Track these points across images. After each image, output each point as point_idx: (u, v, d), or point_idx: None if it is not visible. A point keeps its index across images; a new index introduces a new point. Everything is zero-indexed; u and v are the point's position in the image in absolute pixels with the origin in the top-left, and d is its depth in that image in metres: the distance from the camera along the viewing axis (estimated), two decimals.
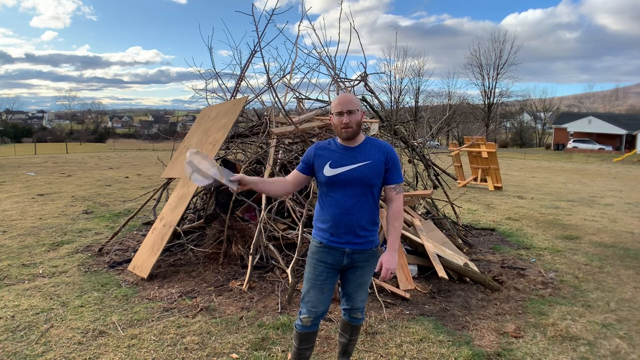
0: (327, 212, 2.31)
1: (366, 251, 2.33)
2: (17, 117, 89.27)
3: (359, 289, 2.40)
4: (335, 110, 2.28)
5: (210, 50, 6.57)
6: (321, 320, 2.49)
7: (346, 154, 2.29)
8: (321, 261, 2.33)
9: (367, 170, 2.26)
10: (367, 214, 2.31)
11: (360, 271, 2.36)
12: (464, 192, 10.87)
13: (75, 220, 6.91)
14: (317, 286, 2.34)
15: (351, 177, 2.25)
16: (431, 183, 6.36)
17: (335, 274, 2.37)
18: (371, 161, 2.27)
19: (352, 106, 2.25)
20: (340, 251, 2.31)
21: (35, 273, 4.43)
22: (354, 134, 2.28)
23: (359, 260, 2.33)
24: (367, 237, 2.33)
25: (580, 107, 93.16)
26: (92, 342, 3.04)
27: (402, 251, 4.31)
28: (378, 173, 2.28)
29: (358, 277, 2.37)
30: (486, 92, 53.00)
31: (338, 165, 2.28)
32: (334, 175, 2.27)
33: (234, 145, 5.81)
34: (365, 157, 2.28)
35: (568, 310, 3.76)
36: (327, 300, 2.38)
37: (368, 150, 2.30)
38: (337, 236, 2.29)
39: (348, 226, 2.28)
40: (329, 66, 6.27)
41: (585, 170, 22.33)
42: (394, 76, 51.66)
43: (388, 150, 2.33)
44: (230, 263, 4.68)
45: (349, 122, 2.24)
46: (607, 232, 7.00)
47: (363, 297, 2.45)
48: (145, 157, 23.43)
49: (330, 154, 2.32)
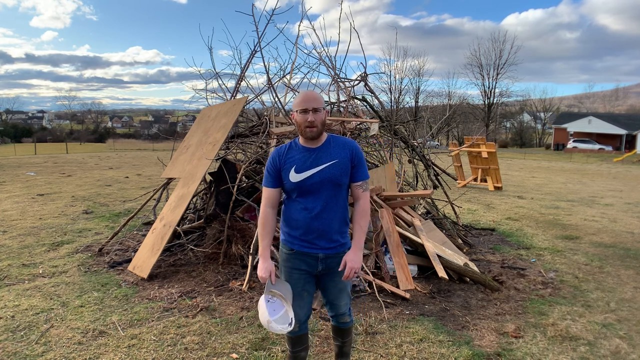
0: (297, 217, 2.20)
1: (340, 254, 2.24)
2: (17, 117, 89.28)
3: (340, 294, 2.33)
4: (298, 108, 2.14)
5: (210, 50, 6.58)
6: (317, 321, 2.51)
7: (310, 155, 2.17)
8: (295, 268, 2.25)
9: (335, 170, 2.16)
10: (339, 215, 2.23)
11: (338, 276, 2.26)
12: (464, 192, 10.87)
13: (75, 220, 6.91)
14: (296, 294, 2.23)
15: (319, 179, 2.14)
16: (431, 183, 6.36)
17: (312, 279, 2.29)
18: (337, 160, 2.17)
19: (317, 104, 2.12)
20: (313, 257, 2.22)
21: (35, 273, 4.43)
22: (318, 134, 2.15)
23: (333, 265, 2.24)
24: (339, 241, 2.25)
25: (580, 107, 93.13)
26: (92, 342, 3.04)
27: (402, 251, 4.31)
28: (345, 171, 2.18)
29: (337, 283, 2.29)
30: (486, 92, 53.04)
31: (303, 169, 2.16)
32: (301, 181, 2.15)
33: (234, 145, 5.80)
34: (330, 156, 2.17)
35: (568, 310, 3.76)
36: (309, 304, 2.34)
37: (332, 149, 2.19)
38: (309, 242, 2.20)
39: (320, 231, 2.18)
40: (329, 66, 6.27)
41: (585, 170, 22.33)
42: (394, 76, 51.72)
43: (352, 147, 2.22)
44: (230, 263, 4.68)
45: (314, 121, 2.11)
46: (607, 232, 7.00)
47: (346, 301, 2.38)
48: (145, 157, 23.43)
49: (293, 158, 2.19)
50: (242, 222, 4.95)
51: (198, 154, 5.12)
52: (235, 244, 4.72)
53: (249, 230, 4.76)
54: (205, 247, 4.83)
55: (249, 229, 4.78)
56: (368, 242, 4.55)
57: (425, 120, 11.42)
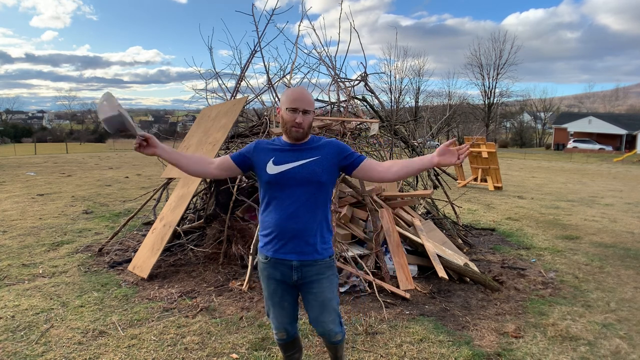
0: (270, 218, 2.04)
1: (317, 262, 2.03)
2: (17, 117, 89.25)
3: (323, 310, 2.07)
4: (288, 105, 1.99)
5: (210, 50, 6.58)
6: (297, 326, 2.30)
7: (291, 150, 2.05)
8: (271, 278, 2.09)
9: (315, 166, 2.01)
10: (318, 217, 2.04)
11: (317, 287, 2.04)
12: (464, 192, 10.87)
13: (75, 220, 6.91)
14: (276, 304, 2.13)
15: (298, 174, 1.99)
16: (431, 183, 6.36)
17: (292, 290, 2.12)
18: (319, 157, 2.03)
19: (308, 105, 2.00)
20: (286, 265, 2.03)
21: (35, 273, 4.43)
22: (303, 136, 2.03)
23: (311, 274, 2.03)
24: (315, 246, 2.03)
25: (580, 107, 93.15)
26: (92, 342, 3.04)
27: (402, 251, 4.31)
28: (328, 169, 2.03)
29: (317, 296, 2.05)
30: (486, 92, 53.05)
31: (282, 162, 2.01)
32: (278, 173, 2.00)
33: (234, 145, 5.80)
34: (312, 153, 2.03)
35: (568, 310, 3.76)
36: (293, 313, 2.20)
37: (315, 147, 2.06)
38: (282, 247, 2.02)
39: (294, 233, 1.99)
40: (329, 66, 6.27)
41: (586, 170, 22.32)
42: (394, 76, 51.72)
43: (336, 142, 2.10)
44: (230, 263, 4.68)
45: (301, 123, 1.98)
46: (607, 232, 7.00)
47: (333, 317, 2.10)
48: (145, 157, 23.39)
49: (274, 151, 2.06)
50: (242, 222, 4.95)
51: (198, 154, 5.12)
52: (235, 244, 4.72)
53: (249, 230, 4.76)
54: (205, 247, 4.83)
55: (249, 229, 4.78)
56: (368, 242, 4.55)
57: (425, 120, 11.42)
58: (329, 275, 2.09)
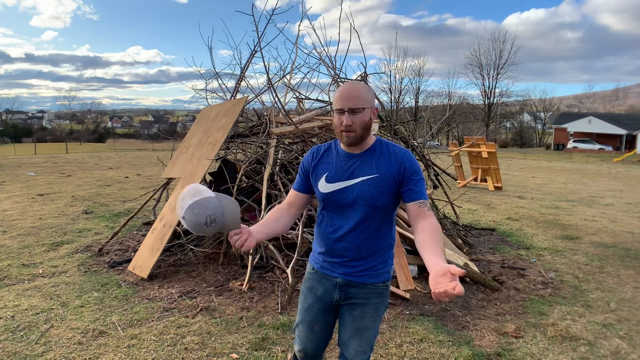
0: (323, 234, 1.84)
1: (367, 285, 1.78)
2: (17, 117, 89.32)
3: (355, 335, 1.81)
4: (335, 107, 1.69)
5: (210, 50, 6.58)
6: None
7: (347, 163, 1.76)
8: (311, 291, 1.89)
9: (371, 188, 1.70)
10: (373, 242, 1.77)
11: (359, 311, 1.80)
12: (464, 192, 10.87)
13: (75, 220, 6.91)
14: (307, 321, 1.90)
15: (351, 196, 1.72)
16: (431, 183, 6.36)
17: (329, 314, 1.89)
18: (378, 174, 1.70)
19: (357, 102, 1.64)
20: (331, 281, 1.82)
21: (35, 273, 4.43)
22: (357, 140, 1.70)
23: (356, 297, 1.80)
24: (366, 265, 1.78)
25: (580, 107, 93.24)
26: (92, 342, 3.04)
27: (402, 251, 4.31)
28: (386, 191, 1.70)
29: (355, 320, 1.80)
30: (486, 92, 53.07)
31: (335, 178, 1.75)
32: (330, 193, 1.76)
33: (234, 145, 5.81)
34: (371, 168, 1.71)
35: (568, 310, 3.76)
36: (319, 342, 1.93)
37: (377, 159, 1.73)
38: (330, 264, 1.82)
39: (344, 255, 1.78)
40: (329, 66, 6.26)
41: (586, 170, 22.33)
42: (394, 76, 51.77)
43: (404, 159, 1.71)
44: (230, 263, 4.68)
45: (350, 125, 1.65)
46: (607, 232, 7.00)
47: (363, 347, 1.82)
48: (145, 157, 23.43)
49: (329, 162, 1.80)
50: (242, 222, 4.95)
51: (198, 154, 5.12)
52: None
53: None
54: (205, 247, 4.83)
55: None
56: None
57: (425, 120, 11.43)
58: (377, 304, 1.82)
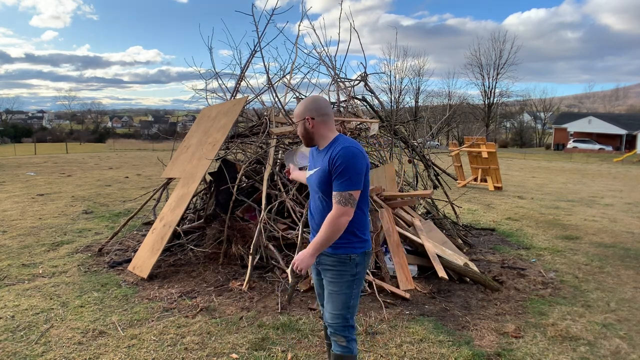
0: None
1: (331, 255, 2.14)
2: (17, 117, 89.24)
3: (328, 299, 2.21)
4: None
5: (210, 50, 6.57)
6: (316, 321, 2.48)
7: (314, 157, 2.27)
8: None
9: (316, 178, 2.17)
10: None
11: (327, 276, 2.19)
12: (464, 192, 10.87)
13: (75, 220, 6.91)
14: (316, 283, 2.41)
15: (310, 182, 2.26)
16: (431, 183, 6.36)
17: (320, 278, 2.34)
18: (320, 167, 2.14)
19: (295, 117, 2.23)
20: None
21: (35, 273, 4.43)
22: (307, 143, 2.24)
23: (324, 263, 2.19)
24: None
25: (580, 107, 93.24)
26: (92, 342, 3.04)
27: (402, 251, 4.31)
28: (326, 180, 2.09)
29: (327, 284, 2.21)
30: (486, 92, 53.03)
31: (309, 168, 2.31)
32: (307, 179, 2.31)
33: (234, 145, 5.80)
34: (321, 161, 2.15)
35: (568, 311, 3.76)
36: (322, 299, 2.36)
37: (325, 155, 2.13)
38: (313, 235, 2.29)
39: (314, 229, 2.26)
40: (329, 66, 6.27)
41: (586, 170, 22.32)
42: (394, 76, 51.74)
43: (334, 154, 2.05)
44: (230, 263, 4.68)
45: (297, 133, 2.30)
46: (607, 232, 7.00)
47: (335, 311, 2.17)
48: (145, 157, 23.43)
49: (312, 156, 2.33)
50: (242, 222, 4.95)
51: (198, 154, 5.12)
52: (235, 244, 4.72)
53: (249, 230, 4.76)
54: (205, 247, 4.83)
55: (249, 229, 4.78)
56: None
57: (425, 120, 11.43)
58: (341, 271, 2.15)
